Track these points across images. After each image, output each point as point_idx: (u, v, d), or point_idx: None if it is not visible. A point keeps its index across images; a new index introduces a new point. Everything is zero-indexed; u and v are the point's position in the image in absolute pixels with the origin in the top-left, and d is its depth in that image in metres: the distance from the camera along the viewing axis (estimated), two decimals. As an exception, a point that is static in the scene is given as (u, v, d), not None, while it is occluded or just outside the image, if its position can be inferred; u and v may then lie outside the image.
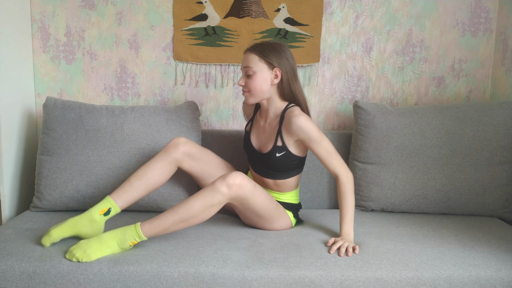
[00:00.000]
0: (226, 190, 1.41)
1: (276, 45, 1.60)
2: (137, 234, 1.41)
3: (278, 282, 1.32)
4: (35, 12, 2.07)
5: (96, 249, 1.37)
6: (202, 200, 1.41)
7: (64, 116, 1.81)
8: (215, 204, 1.42)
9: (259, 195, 1.52)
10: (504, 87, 2.04)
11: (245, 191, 1.45)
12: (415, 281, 1.33)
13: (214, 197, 1.41)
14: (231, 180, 1.41)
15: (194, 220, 1.42)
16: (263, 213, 1.56)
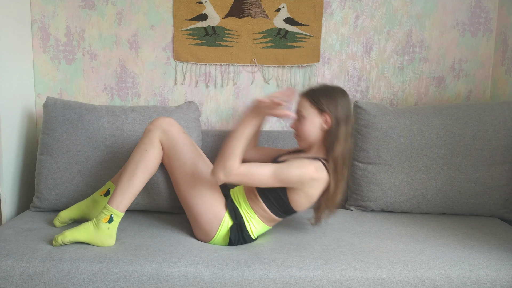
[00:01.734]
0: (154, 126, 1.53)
1: (331, 89, 1.54)
2: (106, 209, 1.47)
3: (278, 282, 1.32)
4: (35, 12, 2.06)
5: (72, 231, 1.45)
6: (138, 146, 1.54)
7: (64, 116, 1.81)
8: (147, 142, 1.53)
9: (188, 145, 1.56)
10: (504, 87, 2.04)
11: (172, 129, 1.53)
12: (415, 281, 1.33)
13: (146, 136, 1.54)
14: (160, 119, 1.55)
15: (141, 167, 1.50)
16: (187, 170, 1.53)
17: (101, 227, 1.46)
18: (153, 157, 1.53)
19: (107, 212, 1.47)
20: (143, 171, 1.51)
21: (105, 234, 1.46)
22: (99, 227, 1.46)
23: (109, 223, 1.46)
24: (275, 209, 1.52)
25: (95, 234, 1.45)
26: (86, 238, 1.45)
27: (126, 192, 1.49)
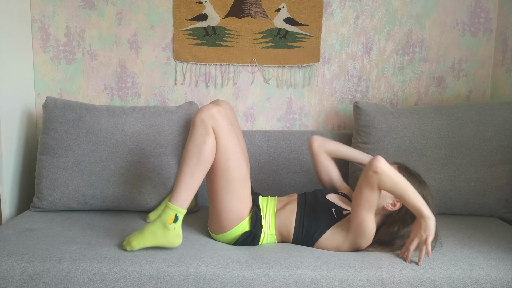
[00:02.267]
0: (207, 116, 1.43)
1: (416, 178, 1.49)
2: (170, 208, 1.41)
3: (278, 282, 1.32)
4: (35, 12, 2.06)
5: (139, 240, 1.41)
6: (195, 138, 1.44)
7: (64, 116, 1.81)
8: (204, 133, 1.43)
9: (234, 140, 1.49)
10: (504, 87, 2.04)
11: (222, 121, 1.45)
12: (415, 281, 1.33)
13: (200, 127, 1.43)
14: (212, 108, 1.44)
15: (201, 160, 1.43)
16: (229, 165, 1.48)
17: (168, 228, 1.40)
18: (211, 149, 1.44)
19: (172, 211, 1.41)
20: (204, 165, 1.44)
21: (172, 235, 1.41)
22: (167, 229, 1.40)
23: (175, 222, 1.41)
24: (298, 234, 1.53)
25: (163, 237, 1.41)
26: (154, 243, 1.41)
27: (189, 189, 1.43)
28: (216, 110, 1.45)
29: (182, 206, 1.42)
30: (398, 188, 1.35)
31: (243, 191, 1.52)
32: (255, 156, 1.96)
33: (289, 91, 2.15)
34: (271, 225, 1.55)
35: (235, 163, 1.48)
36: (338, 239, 1.48)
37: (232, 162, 1.48)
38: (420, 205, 1.34)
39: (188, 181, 1.42)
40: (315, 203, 1.58)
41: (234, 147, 1.48)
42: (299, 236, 1.52)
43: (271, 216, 1.56)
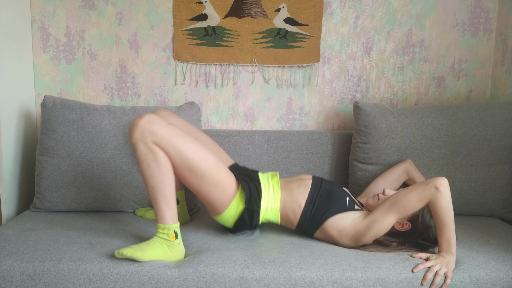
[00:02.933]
0: (140, 136, 1.37)
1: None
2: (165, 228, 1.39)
3: (278, 283, 1.32)
4: (35, 12, 2.06)
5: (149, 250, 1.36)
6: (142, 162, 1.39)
7: (64, 117, 1.80)
8: (146, 153, 1.37)
9: (181, 138, 1.42)
10: (504, 87, 2.04)
11: (158, 128, 1.38)
12: (415, 281, 1.33)
13: (139, 149, 1.38)
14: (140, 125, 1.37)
15: (165, 177, 1.39)
16: (191, 163, 1.43)
17: (174, 244, 1.40)
18: (163, 161, 1.40)
19: (168, 230, 1.39)
20: (167, 177, 1.41)
21: (178, 250, 1.41)
22: (173, 246, 1.40)
23: (177, 238, 1.41)
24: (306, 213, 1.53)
25: (170, 254, 1.39)
26: (163, 258, 1.38)
27: (169, 204, 1.40)
28: (144, 121, 1.38)
29: (174, 221, 1.41)
30: (445, 215, 1.36)
31: (219, 176, 1.49)
32: (255, 156, 1.96)
33: (289, 91, 2.14)
34: (276, 198, 1.54)
35: (195, 158, 1.44)
36: (346, 225, 1.48)
37: (191, 158, 1.44)
38: (454, 242, 1.37)
39: (162, 199, 1.40)
40: (331, 188, 1.58)
41: (185, 144, 1.43)
42: (307, 216, 1.52)
43: (276, 190, 1.56)
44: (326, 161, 1.96)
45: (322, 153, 1.97)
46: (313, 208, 1.53)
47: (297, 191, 1.57)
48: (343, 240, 1.49)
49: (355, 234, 1.47)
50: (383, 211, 1.44)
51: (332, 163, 1.96)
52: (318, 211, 1.52)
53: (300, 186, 1.58)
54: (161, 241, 1.39)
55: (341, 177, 1.96)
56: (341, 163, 1.97)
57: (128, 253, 1.32)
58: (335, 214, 1.51)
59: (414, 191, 1.41)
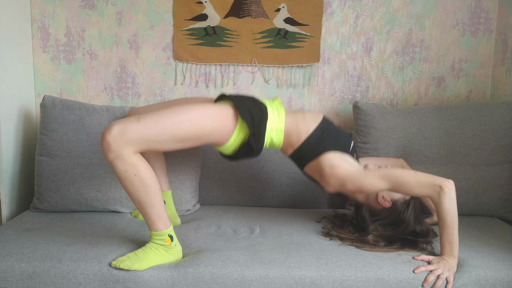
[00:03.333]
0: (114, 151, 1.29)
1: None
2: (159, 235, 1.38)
3: (278, 282, 1.32)
4: (35, 12, 2.06)
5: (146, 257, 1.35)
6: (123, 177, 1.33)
7: (63, 117, 1.80)
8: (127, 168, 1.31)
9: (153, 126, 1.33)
10: (504, 87, 2.04)
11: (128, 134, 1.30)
12: (416, 282, 1.33)
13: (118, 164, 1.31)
14: (108, 140, 1.29)
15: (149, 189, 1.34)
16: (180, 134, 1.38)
17: (171, 248, 1.39)
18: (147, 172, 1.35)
19: (163, 236, 1.38)
20: (153, 190, 1.36)
21: (175, 251, 1.41)
22: (170, 249, 1.39)
23: (172, 240, 1.40)
24: (311, 139, 1.52)
25: (169, 256, 1.39)
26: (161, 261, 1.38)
27: (158, 212, 1.37)
28: (113, 136, 1.29)
29: (166, 226, 1.39)
30: (448, 217, 1.35)
31: (213, 124, 1.43)
32: (255, 156, 1.96)
33: (289, 91, 2.15)
34: (281, 119, 1.53)
35: (182, 128, 1.38)
36: (340, 164, 1.47)
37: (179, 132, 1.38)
38: (456, 244, 1.36)
39: (151, 210, 1.37)
40: (340, 131, 1.59)
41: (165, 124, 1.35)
42: (310, 142, 1.52)
43: (280, 111, 1.54)
44: (326, 161, 1.96)
45: (322, 153, 1.97)
46: (320, 136, 1.52)
47: (309, 116, 1.57)
48: (330, 178, 1.47)
49: (344, 176, 1.45)
50: (381, 175, 1.43)
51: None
52: (323, 141, 1.51)
53: (312, 114, 1.58)
54: (157, 246, 1.38)
55: (341, 177, 1.97)
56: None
57: (126, 266, 1.31)
58: (336, 150, 1.51)
59: (419, 179, 1.39)
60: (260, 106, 1.52)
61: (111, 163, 1.32)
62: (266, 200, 1.95)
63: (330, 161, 1.48)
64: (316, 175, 1.54)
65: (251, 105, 1.50)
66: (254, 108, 1.50)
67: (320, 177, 1.51)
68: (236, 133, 1.48)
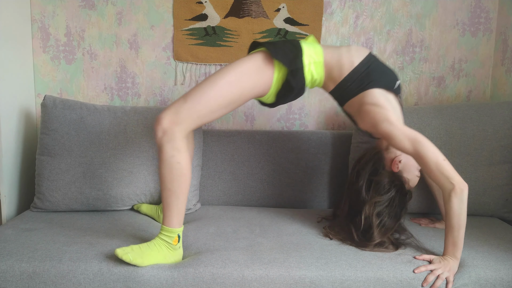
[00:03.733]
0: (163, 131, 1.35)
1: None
2: (169, 231, 1.39)
3: (278, 282, 1.32)
4: (35, 12, 2.06)
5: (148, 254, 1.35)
6: (166, 160, 1.35)
7: (64, 117, 1.80)
8: (175, 154, 1.35)
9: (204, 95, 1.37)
10: (504, 87, 2.04)
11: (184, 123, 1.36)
12: (416, 281, 1.33)
13: (168, 149, 1.35)
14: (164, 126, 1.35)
15: (182, 180, 1.36)
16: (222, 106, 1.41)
17: (175, 248, 1.39)
18: (186, 163, 1.37)
19: (173, 234, 1.39)
20: (185, 182, 1.38)
21: (178, 253, 1.41)
22: (174, 249, 1.39)
23: (179, 241, 1.40)
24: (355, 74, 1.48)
25: (171, 257, 1.39)
26: (163, 261, 1.38)
27: (180, 209, 1.39)
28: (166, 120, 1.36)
29: (180, 225, 1.41)
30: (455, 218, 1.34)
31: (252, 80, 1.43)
32: (255, 156, 1.96)
33: (289, 91, 2.14)
34: (318, 53, 1.49)
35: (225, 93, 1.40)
36: (384, 104, 1.43)
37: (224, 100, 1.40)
38: (461, 247, 1.36)
39: (176, 202, 1.38)
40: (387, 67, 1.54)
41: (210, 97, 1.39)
42: (355, 75, 1.47)
43: (315, 46, 1.50)
44: (326, 161, 1.96)
45: (322, 153, 1.97)
46: (365, 70, 1.47)
47: (354, 49, 1.52)
48: (367, 115, 1.44)
49: (381, 119, 1.41)
50: (413, 139, 1.37)
51: (332, 163, 1.96)
52: (367, 76, 1.46)
53: (357, 48, 1.54)
54: (162, 243, 1.38)
55: (341, 177, 1.97)
56: (341, 163, 1.97)
57: (127, 259, 1.32)
58: (381, 87, 1.46)
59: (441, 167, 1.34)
60: (293, 42, 1.49)
61: (161, 146, 1.36)
62: (266, 200, 1.95)
63: (373, 99, 1.45)
64: (354, 110, 1.50)
65: (283, 45, 1.48)
66: (287, 46, 1.47)
67: (358, 111, 1.48)
68: (276, 76, 1.46)
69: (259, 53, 1.47)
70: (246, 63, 1.44)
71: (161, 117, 1.37)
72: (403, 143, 1.39)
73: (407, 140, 1.38)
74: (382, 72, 1.50)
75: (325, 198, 1.97)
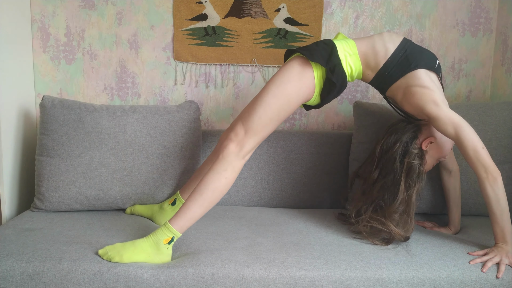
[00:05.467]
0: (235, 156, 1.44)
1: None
2: (168, 230, 1.39)
3: (278, 282, 1.32)
4: (35, 12, 2.07)
5: (130, 252, 1.36)
6: (216, 172, 1.42)
7: (63, 117, 1.80)
8: (229, 170, 1.43)
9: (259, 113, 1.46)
10: (504, 87, 2.04)
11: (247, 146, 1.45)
12: (415, 281, 1.33)
13: (227, 164, 1.43)
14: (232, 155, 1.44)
15: (217, 194, 1.42)
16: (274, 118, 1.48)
17: (161, 248, 1.38)
18: (230, 183, 1.44)
19: (169, 233, 1.39)
20: (217, 198, 1.43)
21: (164, 254, 1.39)
22: (159, 249, 1.38)
23: (169, 244, 1.40)
24: (394, 59, 1.50)
25: (154, 255, 1.38)
26: (144, 259, 1.37)
27: (194, 217, 1.42)
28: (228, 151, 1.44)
29: (181, 231, 1.41)
30: (494, 205, 1.38)
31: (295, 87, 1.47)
32: (255, 156, 1.96)
33: (289, 91, 2.14)
34: (351, 45, 1.53)
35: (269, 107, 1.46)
36: (430, 86, 1.46)
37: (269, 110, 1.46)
38: (508, 231, 1.39)
39: (196, 210, 1.41)
40: (424, 48, 1.56)
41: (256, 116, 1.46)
42: (394, 61, 1.50)
43: (346, 39, 1.55)
44: (326, 161, 1.96)
45: (322, 153, 1.97)
46: (404, 53, 1.50)
47: (388, 37, 1.55)
48: (414, 96, 1.46)
49: (429, 100, 1.44)
50: (456, 124, 1.41)
51: (332, 163, 1.96)
52: (407, 59, 1.49)
53: (391, 34, 1.57)
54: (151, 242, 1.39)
55: (341, 177, 1.97)
56: (341, 163, 1.97)
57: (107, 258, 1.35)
58: (423, 67, 1.48)
59: (478, 154, 1.38)
60: (325, 41, 1.53)
61: (222, 159, 1.45)
62: (266, 200, 1.95)
63: (418, 80, 1.47)
64: (399, 94, 1.51)
65: (316, 46, 1.51)
66: (319, 46, 1.51)
67: (403, 95, 1.50)
68: (316, 78, 1.49)
69: (295, 60, 1.51)
70: (284, 72, 1.49)
71: (227, 147, 1.45)
72: (446, 126, 1.42)
73: (450, 124, 1.42)
74: (421, 53, 1.52)
75: (325, 198, 1.97)
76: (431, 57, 1.54)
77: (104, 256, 1.35)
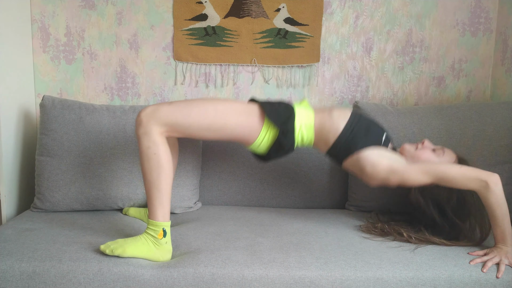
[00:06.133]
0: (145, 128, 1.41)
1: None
2: (154, 225, 1.40)
3: (278, 282, 1.32)
4: (35, 12, 2.07)
5: (132, 246, 1.37)
6: (143, 153, 1.41)
7: (63, 117, 1.80)
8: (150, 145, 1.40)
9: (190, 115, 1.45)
10: (504, 87, 2.04)
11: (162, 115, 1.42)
12: (415, 281, 1.33)
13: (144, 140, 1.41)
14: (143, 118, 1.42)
15: (161, 172, 1.40)
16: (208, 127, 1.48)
17: (161, 243, 1.39)
18: (164, 156, 1.41)
19: (157, 227, 1.40)
20: (164, 174, 1.41)
21: (164, 250, 1.40)
22: (159, 244, 1.39)
23: (165, 236, 1.40)
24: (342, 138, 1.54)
25: (155, 250, 1.39)
26: (146, 253, 1.38)
27: (162, 201, 1.41)
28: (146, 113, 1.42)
29: (165, 219, 1.42)
30: (497, 210, 1.39)
31: (239, 118, 1.50)
32: (255, 156, 1.96)
33: (289, 91, 2.15)
34: (309, 117, 1.57)
35: (209, 117, 1.46)
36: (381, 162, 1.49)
37: (206, 121, 1.46)
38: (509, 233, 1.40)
39: (157, 195, 1.41)
40: (370, 124, 1.59)
41: (193, 109, 1.46)
42: (342, 141, 1.54)
43: (308, 109, 1.59)
44: (326, 161, 1.96)
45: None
46: (350, 134, 1.54)
47: (337, 114, 1.58)
48: (372, 176, 1.50)
49: (386, 172, 1.48)
50: (426, 170, 1.46)
51: (332, 163, 1.96)
52: (353, 139, 1.54)
53: (340, 112, 1.60)
54: (147, 237, 1.40)
55: (341, 177, 1.97)
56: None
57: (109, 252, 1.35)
58: (370, 146, 1.52)
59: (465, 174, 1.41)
60: (287, 106, 1.57)
61: (138, 138, 1.42)
62: (266, 200, 1.95)
63: (367, 160, 1.51)
64: (356, 172, 1.56)
65: (278, 106, 1.56)
66: (281, 107, 1.56)
67: (361, 174, 1.54)
68: (264, 132, 1.53)
69: (256, 105, 1.57)
70: (240, 105, 1.55)
71: (141, 112, 1.44)
72: (420, 180, 1.46)
73: (422, 175, 1.46)
74: (366, 132, 1.56)
75: (325, 198, 1.97)
76: (376, 134, 1.57)
77: (106, 250, 1.35)
